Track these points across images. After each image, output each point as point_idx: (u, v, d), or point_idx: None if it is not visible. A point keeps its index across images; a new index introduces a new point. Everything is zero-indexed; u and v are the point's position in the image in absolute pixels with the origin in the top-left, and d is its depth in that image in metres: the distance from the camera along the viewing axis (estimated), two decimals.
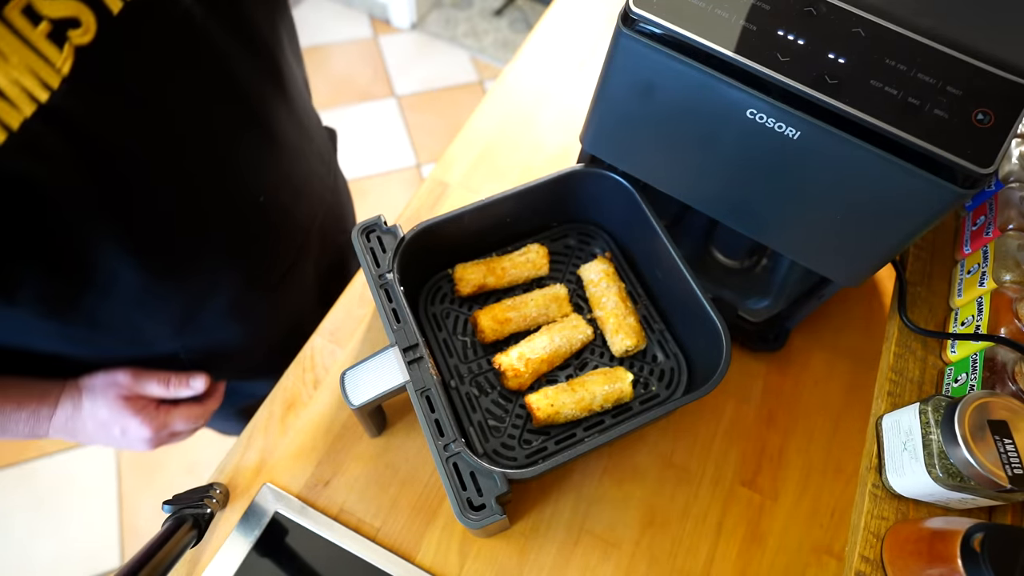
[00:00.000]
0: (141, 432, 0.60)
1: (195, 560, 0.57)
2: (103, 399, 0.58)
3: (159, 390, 0.61)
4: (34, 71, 0.37)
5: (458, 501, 0.49)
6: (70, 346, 0.57)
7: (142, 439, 0.61)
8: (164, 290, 0.56)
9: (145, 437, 0.60)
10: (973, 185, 0.42)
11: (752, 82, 0.45)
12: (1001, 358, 0.48)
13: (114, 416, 0.58)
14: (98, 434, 0.60)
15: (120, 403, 0.58)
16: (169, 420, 0.62)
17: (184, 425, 0.63)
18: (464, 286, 0.66)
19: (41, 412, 0.57)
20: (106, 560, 1.38)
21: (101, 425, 0.59)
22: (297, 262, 0.70)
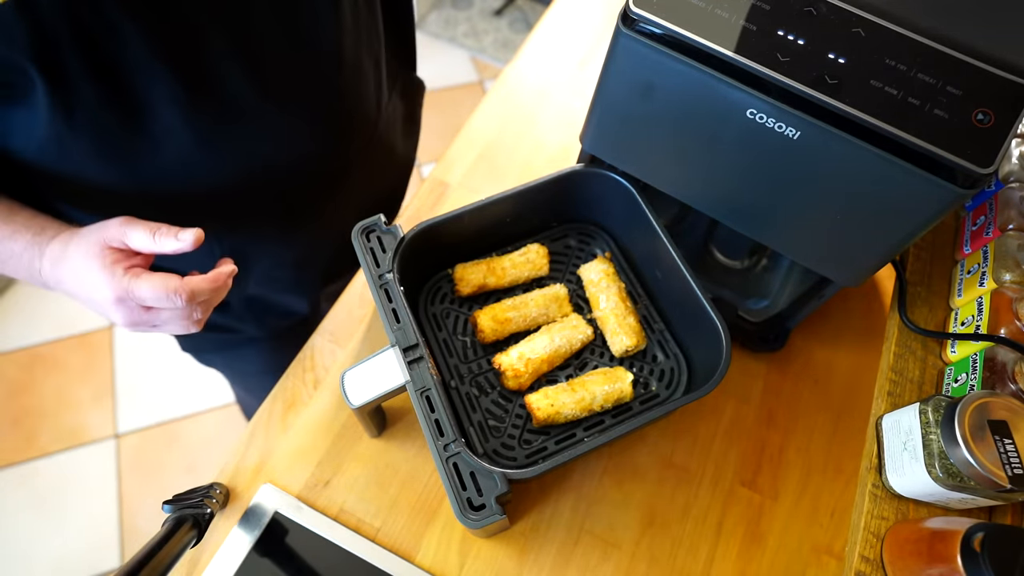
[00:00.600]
0: (104, 291, 0.49)
1: (195, 560, 0.57)
2: (85, 243, 0.50)
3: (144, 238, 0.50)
4: None
5: (458, 501, 0.49)
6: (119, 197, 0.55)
7: (107, 300, 0.49)
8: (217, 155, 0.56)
9: (108, 298, 0.49)
10: (973, 185, 0.42)
11: (752, 82, 0.45)
12: (1001, 358, 0.48)
13: (86, 265, 0.49)
14: (74, 285, 0.51)
15: (96, 250, 0.49)
16: (134, 285, 0.48)
17: (151, 295, 0.48)
18: (464, 286, 0.66)
19: (38, 243, 0.51)
20: (106, 560, 1.38)
21: (76, 274, 0.50)
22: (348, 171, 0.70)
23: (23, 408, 1.55)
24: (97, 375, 1.60)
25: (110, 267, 0.49)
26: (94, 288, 0.49)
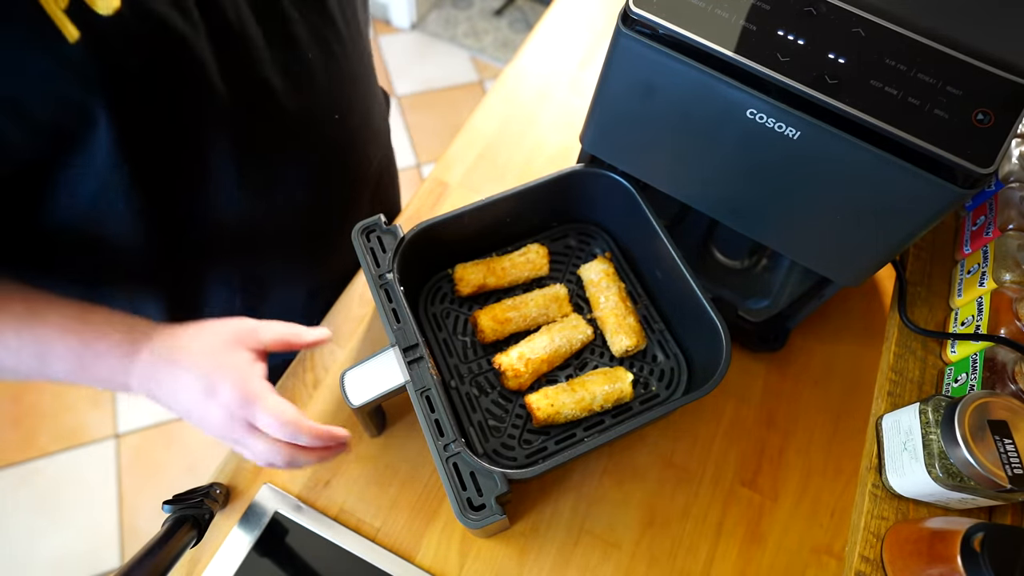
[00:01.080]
0: (225, 397, 0.44)
1: (195, 560, 0.57)
2: (212, 338, 0.46)
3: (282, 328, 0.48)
4: None
5: (458, 501, 0.49)
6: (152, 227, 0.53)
7: (223, 408, 0.44)
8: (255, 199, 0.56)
9: (228, 406, 0.44)
10: (973, 185, 0.42)
11: (752, 82, 0.45)
12: (1001, 358, 0.48)
13: (214, 363, 0.44)
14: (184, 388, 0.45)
15: (228, 347, 0.45)
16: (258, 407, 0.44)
17: (266, 421, 0.44)
18: (464, 286, 0.66)
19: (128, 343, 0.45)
20: (106, 560, 1.38)
21: (195, 374, 0.44)
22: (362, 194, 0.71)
23: (23, 408, 1.55)
24: None
25: (245, 373, 0.45)
26: (213, 393, 0.44)
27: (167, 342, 0.46)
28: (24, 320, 0.44)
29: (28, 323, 0.44)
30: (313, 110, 0.58)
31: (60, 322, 0.45)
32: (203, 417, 0.45)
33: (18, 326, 0.44)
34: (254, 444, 0.46)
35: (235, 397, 0.44)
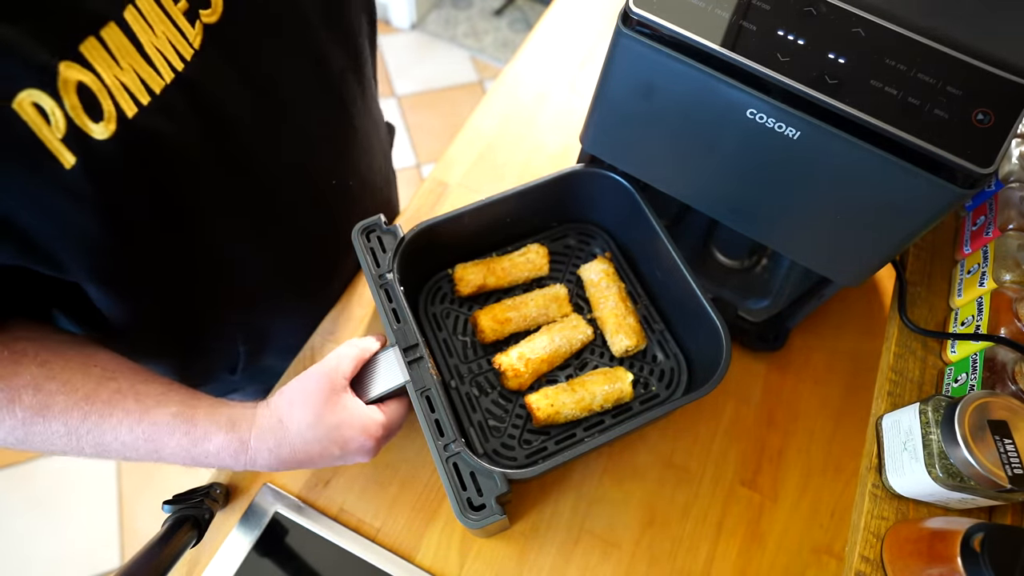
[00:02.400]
0: (362, 443, 0.50)
1: (195, 560, 0.57)
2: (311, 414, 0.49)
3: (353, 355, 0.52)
4: (173, 43, 0.41)
5: (458, 501, 0.49)
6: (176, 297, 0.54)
7: (364, 450, 0.50)
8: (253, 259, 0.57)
9: (366, 447, 0.50)
10: (973, 185, 0.42)
11: (752, 82, 0.45)
12: (1001, 358, 0.48)
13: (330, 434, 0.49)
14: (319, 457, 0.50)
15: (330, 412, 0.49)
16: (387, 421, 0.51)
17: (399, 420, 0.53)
18: (464, 286, 0.66)
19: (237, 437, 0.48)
20: (106, 560, 1.38)
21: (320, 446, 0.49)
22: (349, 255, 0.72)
23: None
24: None
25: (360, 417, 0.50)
26: (348, 446, 0.49)
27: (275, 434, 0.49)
28: (137, 418, 0.46)
29: (140, 422, 0.46)
30: (310, 179, 0.59)
31: (169, 423, 0.47)
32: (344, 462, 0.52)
33: (132, 424, 0.46)
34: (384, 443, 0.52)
35: (369, 437, 0.50)
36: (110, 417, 0.46)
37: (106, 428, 0.46)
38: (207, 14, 0.43)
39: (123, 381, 0.48)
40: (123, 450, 0.47)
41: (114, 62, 0.38)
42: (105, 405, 0.46)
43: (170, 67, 0.41)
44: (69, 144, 0.37)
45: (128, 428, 0.46)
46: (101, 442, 0.46)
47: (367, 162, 0.68)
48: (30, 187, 0.38)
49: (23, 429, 0.44)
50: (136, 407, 0.47)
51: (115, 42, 0.37)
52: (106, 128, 0.38)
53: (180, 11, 0.41)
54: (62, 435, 0.45)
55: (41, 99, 0.35)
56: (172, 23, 0.41)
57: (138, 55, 0.39)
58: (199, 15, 0.42)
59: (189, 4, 0.41)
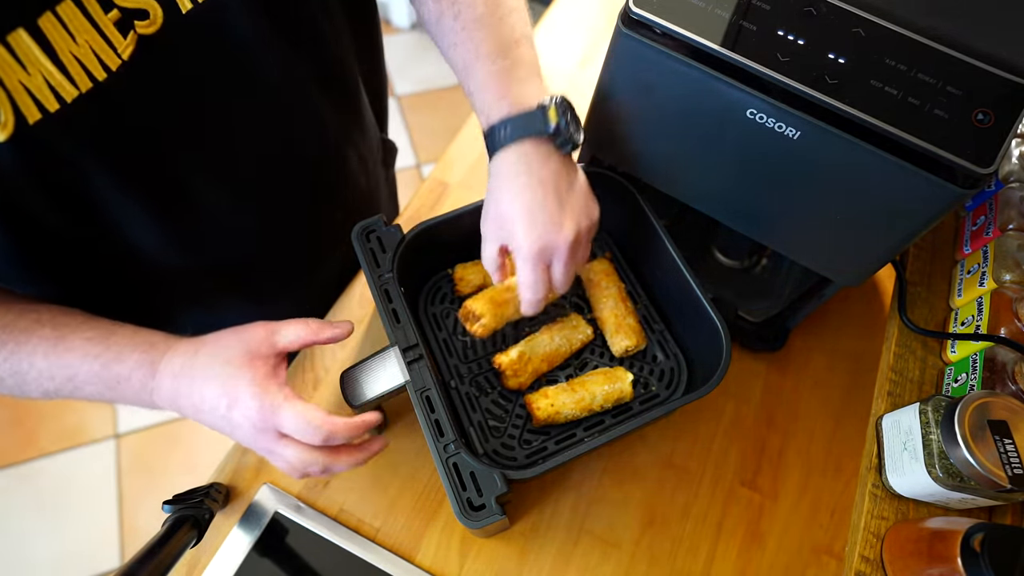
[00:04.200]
0: (248, 412, 0.44)
1: (195, 560, 0.57)
2: (226, 351, 0.45)
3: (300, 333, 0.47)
4: (97, 52, 0.40)
5: (458, 501, 0.49)
6: None
7: (248, 420, 0.44)
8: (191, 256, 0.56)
9: (250, 419, 0.44)
10: (973, 185, 0.42)
11: (752, 82, 0.45)
12: (1001, 358, 0.48)
13: (230, 375, 0.44)
14: (205, 403, 0.45)
15: (242, 361, 0.45)
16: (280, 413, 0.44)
17: (293, 425, 0.44)
18: (464, 286, 0.66)
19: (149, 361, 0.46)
20: (106, 560, 1.38)
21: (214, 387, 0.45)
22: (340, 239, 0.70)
23: (23, 408, 1.55)
24: None
25: (261, 383, 0.44)
26: (235, 405, 0.44)
27: (186, 360, 0.46)
28: (52, 343, 0.45)
29: (55, 347, 0.45)
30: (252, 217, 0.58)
31: (83, 347, 0.45)
32: (231, 431, 0.46)
33: (47, 349, 0.45)
34: (285, 452, 0.45)
35: (256, 407, 0.44)
36: (26, 344, 0.45)
37: (22, 355, 0.44)
38: (144, 25, 0.42)
39: (44, 313, 0.47)
40: (39, 379, 0.45)
41: (20, 67, 0.37)
42: (22, 333, 0.45)
43: (89, 76, 0.40)
44: None
45: (43, 354, 0.45)
46: (18, 370, 0.45)
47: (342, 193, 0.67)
48: None
49: None
50: (53, 334, 0.45)
51: (23, 49, 0.37)
52: (1, 131, 0.38)
53: (111, 20, 0.40)
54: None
55: None
56: (98, 32, 0.40)
57: (49, 62, 0.38)
58: (134, 26, 0.41)
59: (122, 14, 0.40)
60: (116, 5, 0.40)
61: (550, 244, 0.49)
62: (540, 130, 0.48)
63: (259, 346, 0.46)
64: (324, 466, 0.46)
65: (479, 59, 0.50)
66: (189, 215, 0.54)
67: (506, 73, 0.50)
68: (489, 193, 0.51)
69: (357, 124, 0.68)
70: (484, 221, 0.52)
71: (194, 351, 0.46)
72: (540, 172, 0.49)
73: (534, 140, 0.49)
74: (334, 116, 0.62)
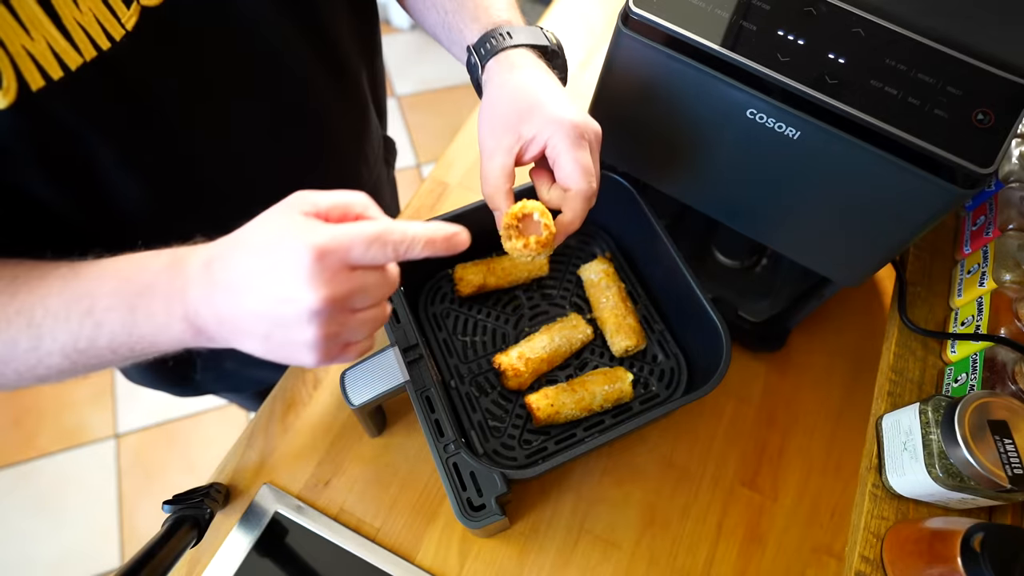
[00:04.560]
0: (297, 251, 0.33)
1: (195, 560, 0.57)
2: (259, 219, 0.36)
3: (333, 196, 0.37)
4: (101, 21, 0.39)
5: (458, 501, 0.49)
6: None
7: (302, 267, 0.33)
8: None
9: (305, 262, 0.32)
10: (973, 185, 0.42)
11: (752, 82, 0.45)
12: (1001, 358, 0.48)
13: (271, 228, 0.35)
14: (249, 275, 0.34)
15: (281, 212, 0.36)
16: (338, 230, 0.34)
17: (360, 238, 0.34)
18: (464, 286, 0.66)
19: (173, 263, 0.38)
20: (106, 560, 1.38)
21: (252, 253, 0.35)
22: None
23: (23, 408, 1.55)
24: (97, 375, 1.60)
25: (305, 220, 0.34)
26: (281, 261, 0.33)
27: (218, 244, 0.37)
28: (67, 280, 0.40)
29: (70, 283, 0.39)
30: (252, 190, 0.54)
31: (100, 267, 0.40)
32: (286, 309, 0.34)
33: (61, 288, 0.39)
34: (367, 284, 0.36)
35: (311, 238, 0.33)
36: (39, 288, 0.40)
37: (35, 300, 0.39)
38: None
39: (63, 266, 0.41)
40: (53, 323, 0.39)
41: (23, 31, 0.36)
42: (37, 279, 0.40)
43: (93, 45, 0.39)
44: None
45: (58, 291, 0.39)
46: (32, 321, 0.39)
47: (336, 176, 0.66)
48: None
49: None
50: (69, 271, 0.40)
51: (26, 11, 0.36)
52: (3, 97, 0.37)
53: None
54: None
55: None
56: (102, 1, 0.39)
57: (53, 27, 0.37)
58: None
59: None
60: None
61: (584, 122, 0.45)
62: (543, 43, 0.48)
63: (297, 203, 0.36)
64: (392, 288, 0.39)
65: None
66: (190, 193, 0.54)
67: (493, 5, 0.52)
68: (489, 95, 0.47)
69: (362, 116, 0.68)
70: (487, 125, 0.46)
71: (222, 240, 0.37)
72: (549, 73, 0.48)
73: (536, 51, 0.49)
74: (335, 100, 0.61)
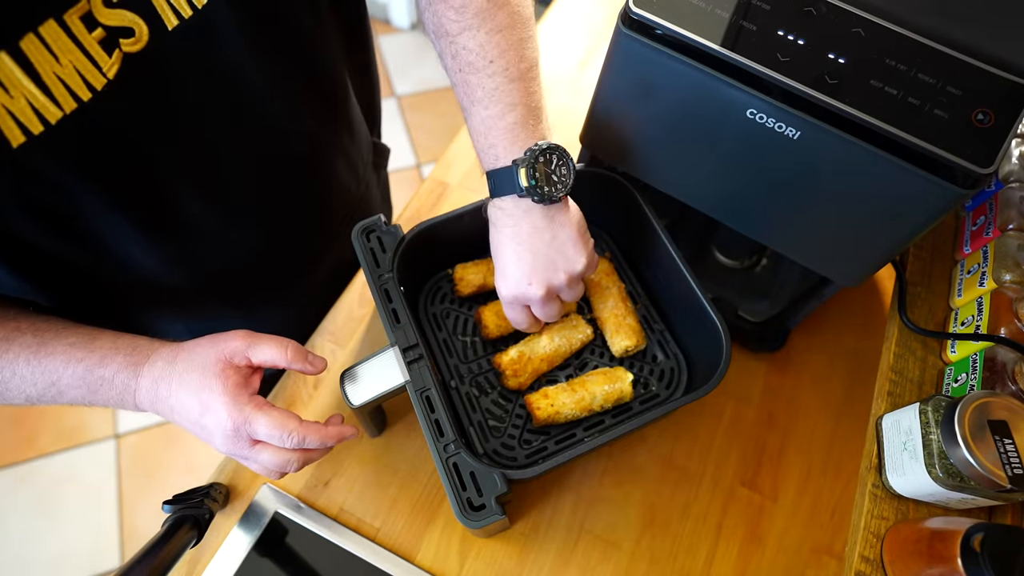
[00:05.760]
0: (220, 419, 0.44)
1: (195, 560, 0.57)
2: (201, 361, 0.46)
3: (274, 355, 0.47)
4: (81, 72, 0.39)
5: (458, 501, 0.49)
6: None
7: (220, 428, 0.45)
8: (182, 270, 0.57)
9: (223, 427, 0.44)
10: (973, 185, 0.42)
11: (752, 82, 0.45)
12: (1001, 358, 0.48)
13: (204, 386, 0.45)
14: (182, 407, 0.46)
15: (216, 369, 0.45)
16: (253, 420, 0.45)
17: (267, 432, 0.45)
18: (464, 286, 0.66)
19: (132, 363, 0.46)
20: (106, 560, 1.38)
21: (189, 393, 0.45)
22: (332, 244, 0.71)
23: (23, 408, 1.55)
24: None
25: (233, 392, 0.45)
26: (207, 413, 0.45)
27: (166, 364, 0.47)
28: (34, 350, 0.45)
29: (37, 353, 0.45)
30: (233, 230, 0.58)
31: (66, 351, 0.46)
32: (207, 437, 0.46)
33: (29, 356, 0.45)
34: (260, 456, 0.46)
35: (226, 416, 0.44)
36: (7, 352, 0.45)
37: (3, 363, 0.45)
38: (129, 43, 0.41)
39: (24, 321, 0.47)
40: (22, 385, 0.45)
41: (2, 91, 0.37)
42: (2, 341, 0.45)
43: (73, 97, 0.39)
44: None
45: (25, 360, 0.45)
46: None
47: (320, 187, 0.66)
48: None
49: None
50: (34, 340, 0.46)
51: (5, 72, 0.36)
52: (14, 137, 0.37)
53: (95, 39, 0.39)
54: None
55: None
56: (83, 52, 0.39)
57: (32, 84, 0.38)
58: (119, 44, 0.40)
59: (107, 32, 0.39)
60: (100, 24, 0.39)
61: (521, 296, 0.53)
62: (514, 189, 0.49)
63: (232, 355, 0.46)
64: (301, 463, 0.47)
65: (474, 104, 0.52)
66: (179, 231, 0.54)
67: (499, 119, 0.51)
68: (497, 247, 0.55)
69: (347, 130, 0.67)
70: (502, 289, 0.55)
71: (173, 356, 0.47)
72: (518, 228, 0.51)
73: (513, 196, 0.51)
74: (322, 125, 0.61)
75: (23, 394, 0.46)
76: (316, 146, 0.62)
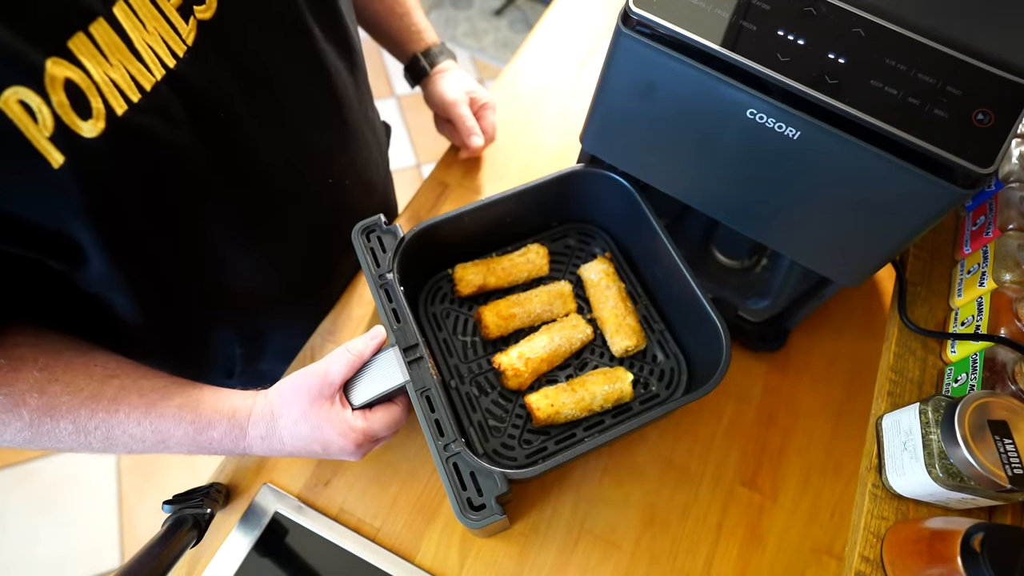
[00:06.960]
0: (342, 444, 0.50)
1: (195, 560, 0.57)
2: (296, 408, 0.50)
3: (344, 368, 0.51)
4: (165, 39, 0.41)
5: (458, 501, 0.49)
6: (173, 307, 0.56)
7: (346, 452, 0.51)
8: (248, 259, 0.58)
9: (346, 449, 0.51)
10: (973, 185, 0.42)
11: (752, 82, 0.45)
12: (1001, 358, 0.48)
13: (313, 433, 0.50)
14: (303, 451, 0.52)
15: (318, 414, 0.50)
16: (373, 427, 0.51)
17: (385, 430, 0.52)
18: (464, 286, 0.66)
19: (238, 425, 0.51)
20: (106, 560, 1.38)
21: (305, 441, 0.51)
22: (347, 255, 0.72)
23: None
24: None
25: (337, 423, 0.50)
26: (330, 447, 0.50)
27: (268, 426, 0.51)
28: (143, 413, 0.48)
29: (147, 416, 0.48)
30: (307, 178, 0.59)
31: (175, 415, 0.49)
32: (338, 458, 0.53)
33: (139, 418, 0.48)
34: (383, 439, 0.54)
35: (349, 439, 0.50)
36: (116, 413, 0.47)
37: (113, 423, 0.47)
38: (201, 10, 0.42)
39: (125, 378, 0.48)
40: (131, 443, 0.48)
41: (103, 59, 0.37)
42: (111, 402, 0.47)
43: (161, 64, 0.41)
44: (57, 143, 0.36)
45: (135, 421, 0.47)
46: (109, 436, 0.47)
47: (363, 161, 0.68)
48: (19, 186, 0.37)
49: (30, 430, 0.44)
50: (141, 402, 0.48)
51: (104, 38, 0.37)
52: (95, 126, 0.37)
53: (173, 7, 0.41)
54: (70, 432, 0.45)
55: (28, 96, 0.34)
56: (164, 19, 0.40)
57: (128, 52, 0.38)
58: (193, 11, 0.42)
59: (182, 0, 0.41)
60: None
61: None
62: None
63: (320, 391, 0.50)
64: None
65: None
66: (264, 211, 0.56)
67: None
68: (449, 78, 0.77)
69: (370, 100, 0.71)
70: (456, 92, 0.76)
71: (271, 415, 0.51)
72: None
73: None
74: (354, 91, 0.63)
75: (128, 449, 0.49)
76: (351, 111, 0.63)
